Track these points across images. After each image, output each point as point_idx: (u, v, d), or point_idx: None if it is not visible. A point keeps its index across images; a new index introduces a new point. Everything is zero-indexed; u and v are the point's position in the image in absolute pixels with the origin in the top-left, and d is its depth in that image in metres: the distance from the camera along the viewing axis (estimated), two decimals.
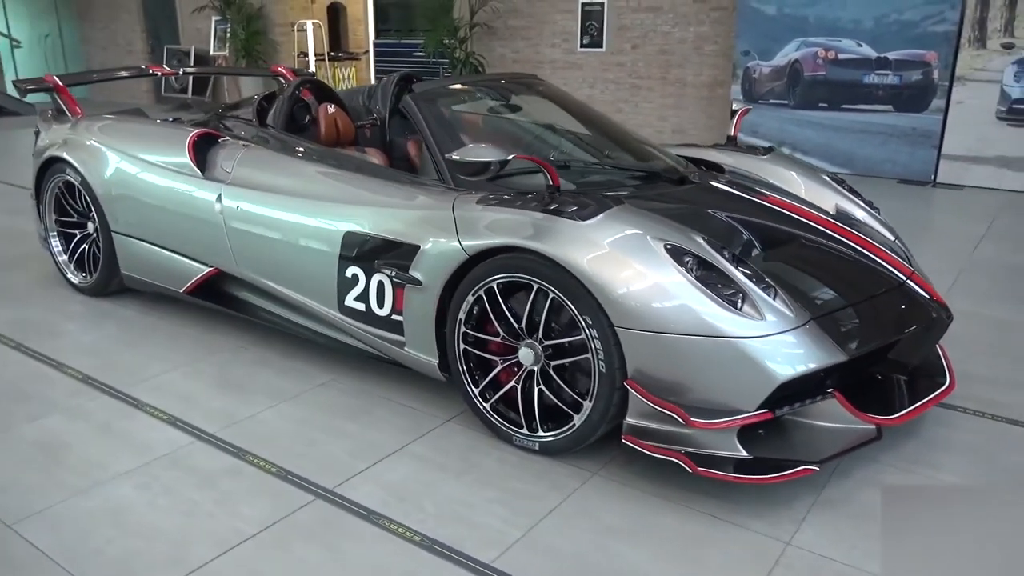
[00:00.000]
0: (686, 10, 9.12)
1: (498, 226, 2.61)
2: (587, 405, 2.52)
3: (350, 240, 3.05)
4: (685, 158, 3.60)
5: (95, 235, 4.18)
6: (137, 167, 3.84)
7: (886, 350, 2.70)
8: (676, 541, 2.26)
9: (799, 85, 8.17)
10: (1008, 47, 7.10)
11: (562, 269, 2.45)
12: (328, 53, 14.66)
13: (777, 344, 2.33)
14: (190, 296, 3.79)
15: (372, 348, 3.13)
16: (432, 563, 2.17)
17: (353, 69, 15.32)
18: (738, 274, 2.42)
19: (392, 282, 2.95)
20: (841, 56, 7.89)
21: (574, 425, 2.57)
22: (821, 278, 2.68)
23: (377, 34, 12.74)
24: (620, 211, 2.55)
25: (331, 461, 2.67)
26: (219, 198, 3.50)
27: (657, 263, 2.39)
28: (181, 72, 5.34)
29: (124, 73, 4.98)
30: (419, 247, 2.82)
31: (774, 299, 2.41)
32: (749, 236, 2.78)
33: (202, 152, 3.69)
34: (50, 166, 4.23)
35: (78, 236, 4.31)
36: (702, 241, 2.50)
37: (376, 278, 3.00)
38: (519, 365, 2.68)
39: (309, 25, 14.25)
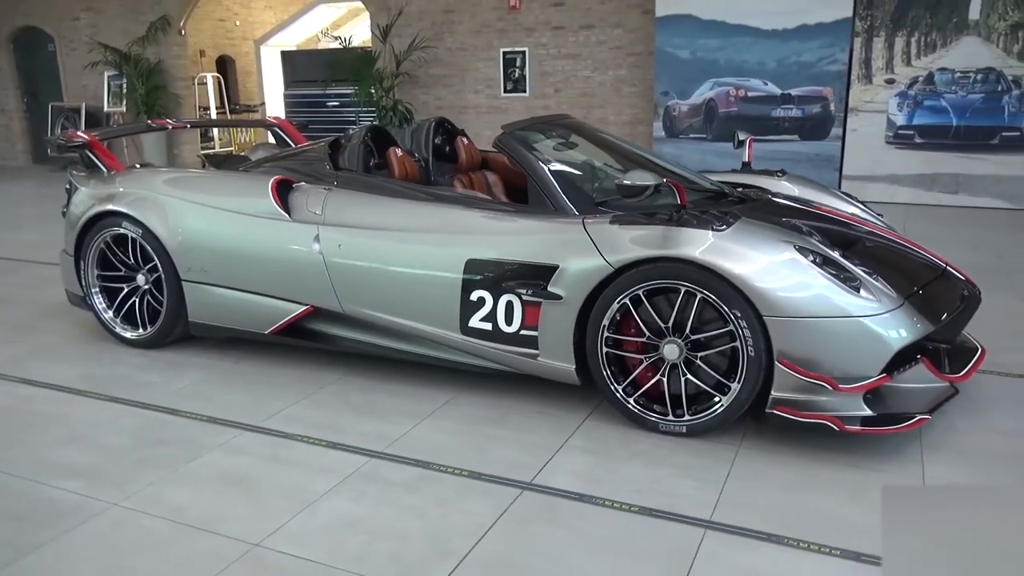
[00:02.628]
0: (604, 56, 9.96)
1: (643, 241, 3.04)
2: (735, 386, 2.97)
3: (474, 267, 3.37)
4: (722, 182, 4.17)
5: (147, 288, 4.21)
6: (213, 215, 3.95)
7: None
8: (843, 489, 2.74)
9: (715, 120, 9.13)
10: (890, 82, 8.35)
11: (710, 272, 2.91)
12: (228, 106, 14.52)
13: (888, 320, 2.89)
14: (275, 337, 3.92)
15: (497, 364, 3.43)
16: (658, 525, 2.52)
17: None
18: (851, 266, 2.98)
19: (522, 300, 3.29)
20: (750, 94, 8.93)
21: (721, 405, 3.01)
22: (892, 268, 3.28)
23: (287, 85, 12.79)
24: (744, 223, 3.05)
25: (510, 461, 2.96)
26: (316, 238, 3.70)
27: (792, 261, 2.90)
28: (187, 126, 5.39)
29: (139, 127, 4.99)
30: (557, 266, 3.19)
31: (879, 284, 2.98)
32: (825, 239, 3.36)
33: (281, 198, 3.87)
34: (97, 221, 4.22)
35: (125, 290, 4.31)
36: (816, 241, 3.05)
37: (504, 298, 3.34)
38: (660, 360, 3.10)
39: (209, 78, 14.11)
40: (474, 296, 3.39)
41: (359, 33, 17.77)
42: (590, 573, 2.29)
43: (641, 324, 3.11)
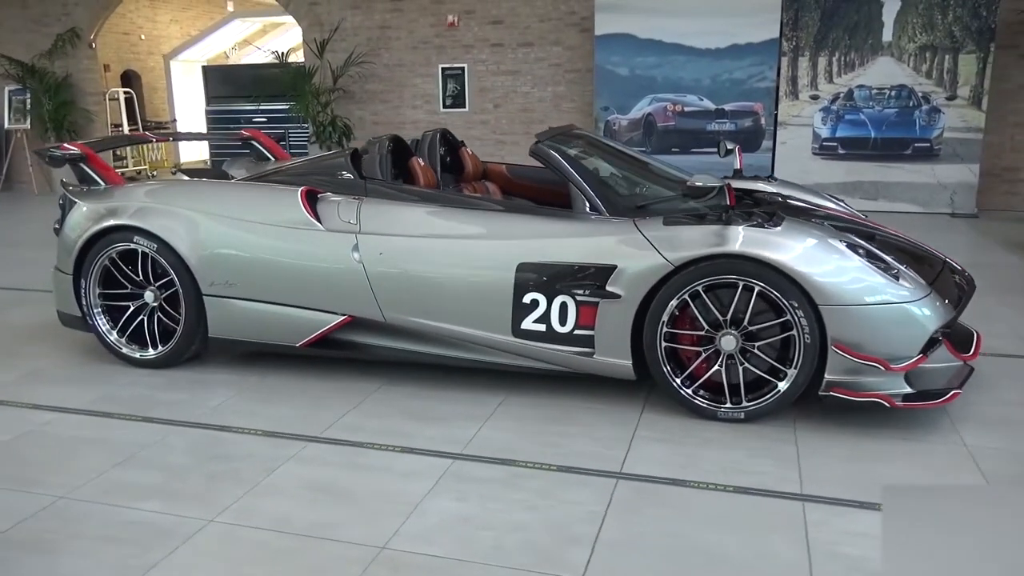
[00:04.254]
0: (543, 73, 10.23)
1: (700, 239, 3.23)
2: (791, 372, 3.20)
3: (526, 270, 3.47)
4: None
5: (156, 305, 4.06)
6: (239, 227, 3.86)
7: None
8: (900, 459, 3.00)
9: (654, 134, 9.56)
10: (815, 98, 9.01)
11: (768, 267, 3.13)
12: (141, 123, 13.92)
13: (923, 305, 3.19)
14: (307, 350, 3.87)
15: (550, 364, 3.53)
16: (758, 501, 2.70)
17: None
18: (888, 258, 3.28)
19: (577, 301, 3.42)
20: (687, 109, 9.40)
21: (779, 390, 3.23)
22: (909, 261, 3.61)
23: (208, 101, 12.38)
24: (791, 221, 3.30)
25: (590, 454, 3.06)
26: (355, 247, 3.70)
27: (841, 254, 3.17)
28: (171, 139, 5.20)
29: (123, 138, 4.79)
30: (616, 266, 3.34)
31: (911, 274, 3.29)
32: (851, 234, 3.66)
33: (310, 207, 3.84)
34: (102, 237, 4.03)
35: (131, 308, 4.13)
36: (854, 237, 3.33)
37: (559, 299, 3.45)
38: (715, 352, 3.30)
39: (121, 94, 13.50)
40: (527, 299, 3.49)
41: (273, 48, 17.40)
42: (722, 547, 2.43)
43: (699, 318, 3.30)
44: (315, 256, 3.76)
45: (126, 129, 13.50)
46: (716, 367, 3.31)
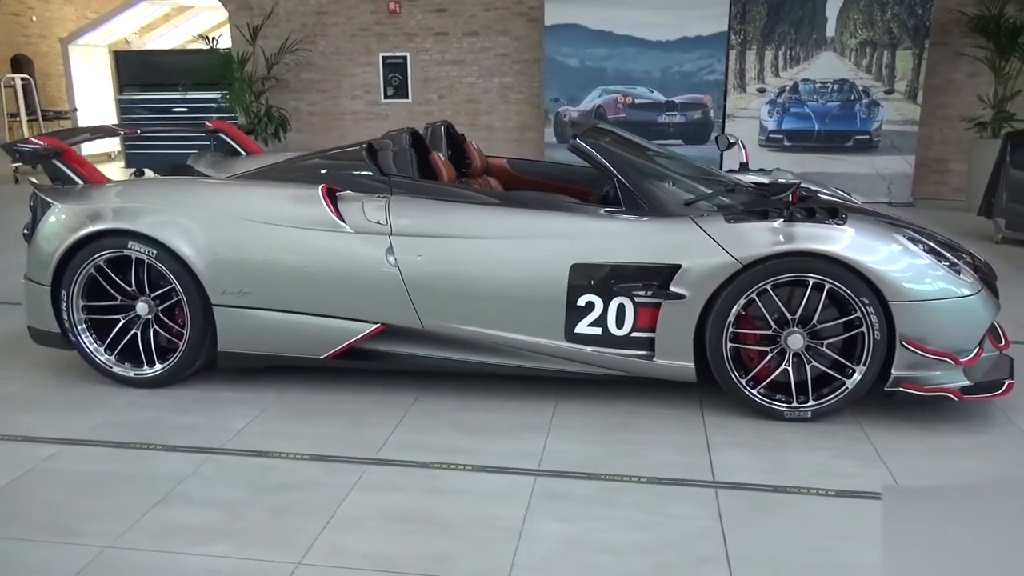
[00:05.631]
0: (489, 63, 10.02)
1: (769, 237, 3.16)
2: (860, 369, 3.18)
3: (580, 271, 3.31)
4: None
5: (152, 317, 3.66)
6: (254, 229, 3.51)
7: None
8: (972, 452, 3.03)
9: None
10: (761, 91, 9.21)
11: (839, 263, 3.09)
12: (40, 112, 12.82)
13: (980, 298, 3.23)
14: (332, 362, 3.57)
15: (605, 369, 3.38)
16: (867, 504, 2.65)
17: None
18: (946, 253, 3.30)
19: (635, 302, 3.29)
20: (637, 101, 9.43)
21: (846, 388, 3.21)
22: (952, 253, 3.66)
23: (120, 89, 11.48)
24: (856, 217, 3.28)
25: (674, 463, 2.94)
26: (389, 250, 3.43)
27: (908, 250, 3.16)
28: (139, 132, 4.70)
29: (88, 134, 4.30)
30: (680, 265, 3.22)
31: (965, 267, 3.33)
32: None
33: (333, 207, 3.55)
34: (89, 243, 3.59)
35: (121, 322, 3.70)
36: (912, 232, 3.34)
37: (616, 301, 3.31)
38: (781, 351, 3.24)
39: (17, 81, 12.38)
40: (581, 301, 3.32)
41: (179, 34, 16.40)
42: (865, 556, 2.35)
43: (767, 316, 3.23)
44: (343, 260, 3.47)
45: (24, 120, 12.38)
46: (783, 366, 3.25)
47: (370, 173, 3.71)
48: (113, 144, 13.68)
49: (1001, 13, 8.14)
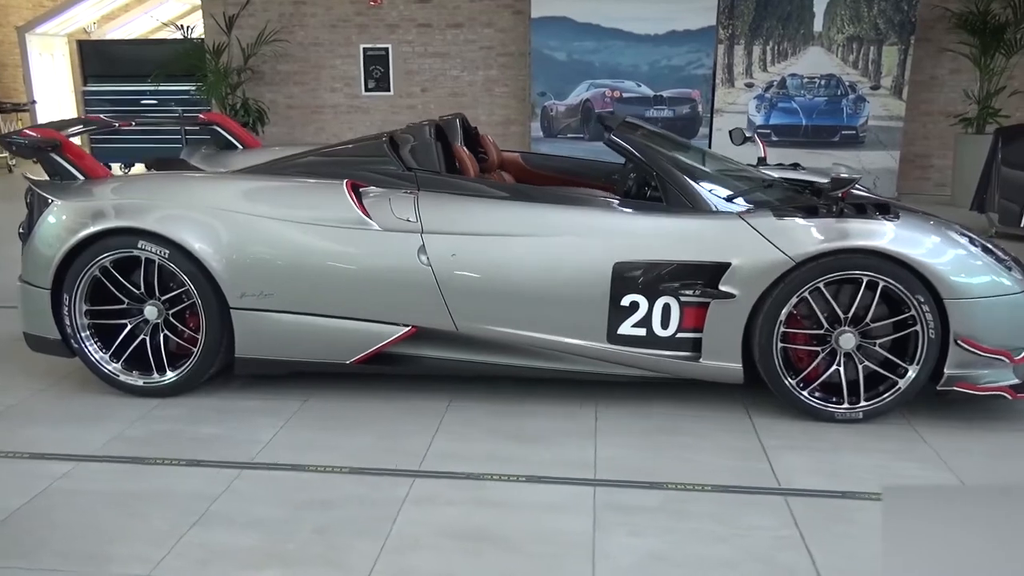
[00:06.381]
0: (474, 56, 9.83)
1: (822, 234, 3.06)
2: (914, 368, 3.10)
3: (624, 270, 3.17)
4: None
5: (161, 321, 3.44)
6: (277, 228, 3.31)
7: None
8: None
9: (591, 120, 9.41)
10: (749, 86, 9.18)
11: (894, 261, 3.01)
12: None
13: None
14: (358, 367, 3.38)
15: (648, 371, 3.26)
16: None
17: (19, 122, 13.03)
18: (995, 250, 3.24)
19: (681, 302, 3.17)
20: (625, 95, 9.33)
21: (899, 388, 3.13)
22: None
23: (85, 80, 11.00)
24: (908, 212, 3.20)
25: (733, 469, 2.83)
26: (422, 249, 3.26)
27: (963, 246, 3.10)
28: (133, 124, 4.42)
29: (81, 125, 4.03)
30: (730, 264, 3.10)
31: (1013, 263, 3.28)
32: None
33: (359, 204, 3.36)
34: (94, 242, 3.34)
35: (128, 327, 3.47)
36: (961, 229, 3.27)
37: (661, 301, 3.18)
38: (832, 351, 3.15)
39: None
40: (625, 301, 3.19)
41: (140, 24, 15.88)
42: (953, 566, 2.26)
43: (819, 315, 3.13)
44: (373, 260, 3.28)
45: None
46: (835, 367, 3.16)
47: (394, 167, 3.52)
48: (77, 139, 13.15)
49: (987, 10, 8.22)
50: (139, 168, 11.44)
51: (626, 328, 3.22)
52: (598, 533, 2.43)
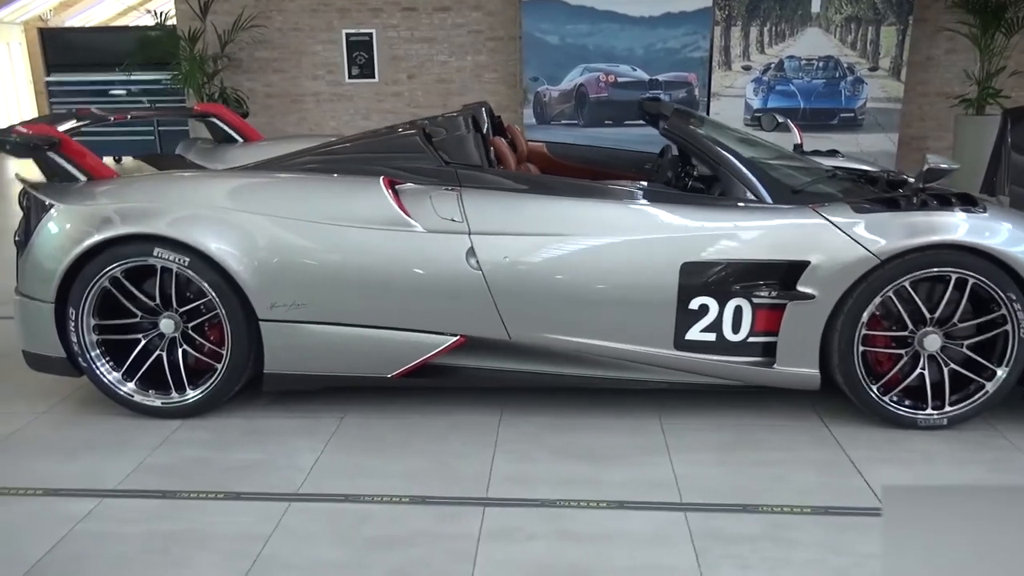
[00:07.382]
0: (462, 40, 9.49)
1: (907, 229, 2.84)
2: (1002, 371, 2.92)
3: (692, 270, 2.93)
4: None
5: (178, 335, 3.12)
6: (310, 231, 3.00)
7: None
8: None
9: (586, 106, 9.15)
10: (747, 68, 8.99)
11: (986, 256, 2.81)
12: None
13: None
14: (401, 380, 3.10)
15: (716, 378, 3.04)
16: None
17: None
18: None
19: (753, 304, 2.94)
20: (620, 79, 9.07)
21: (987, 392, 2.94)
22: None
23: (48, 71, 10.41)
24: (994, 205, 3.00)
25: (826, 486, 2.62)
26: (470, 252, 2.98)
27: None
28: (129, 117, 4.05)
29: (74, 120, 3.65)
30: (808, 262, 2.88)
31: None
32: None
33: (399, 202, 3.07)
34: (101, 251, 3.00)
35: (142, 343, 3.14)
36: None
37: (732, 303, 2.95)
38: (915, 354, 2.95)
39: None
40: (694, 304, 2.96)
41: (101, 11, 15.22)
42: None
43: (904, 316, 2.93)
44: (416, 264, 2.99)
45: None
46: (919, 370, 2.96)
47: (431, 163, 3.22)
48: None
49: None
50: (128, 162, 10.90)
51: (694, 333, 2.98)
52: (704, 568, 2.20)
